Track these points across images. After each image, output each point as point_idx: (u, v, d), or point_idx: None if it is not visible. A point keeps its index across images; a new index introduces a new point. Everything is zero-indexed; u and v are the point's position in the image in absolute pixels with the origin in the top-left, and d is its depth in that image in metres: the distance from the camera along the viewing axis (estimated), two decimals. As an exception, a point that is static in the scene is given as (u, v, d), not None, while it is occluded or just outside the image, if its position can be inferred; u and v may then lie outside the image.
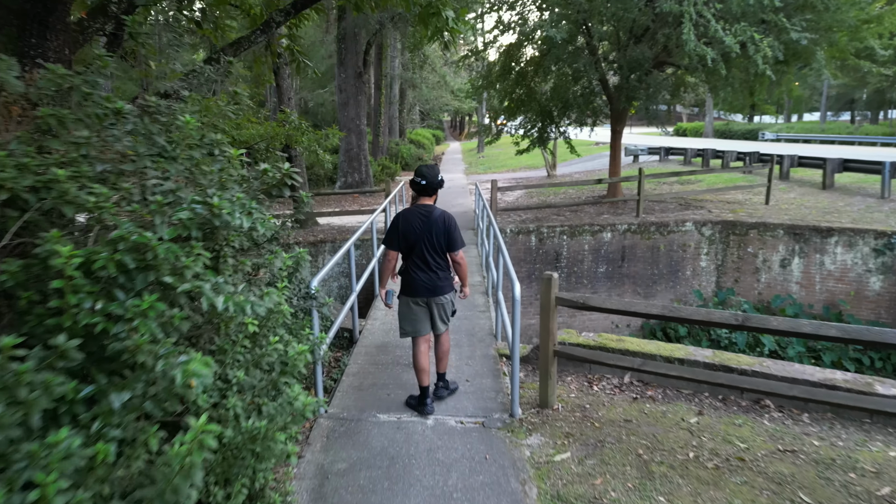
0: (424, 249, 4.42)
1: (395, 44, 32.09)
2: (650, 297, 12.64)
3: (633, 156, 25.86)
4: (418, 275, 4.46)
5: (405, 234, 4.43)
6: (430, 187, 4.48)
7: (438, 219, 4.42)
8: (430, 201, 4.53)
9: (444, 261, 4.53)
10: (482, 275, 8.99)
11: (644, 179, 13.10)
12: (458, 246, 4.49)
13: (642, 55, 12.32)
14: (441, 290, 4.52)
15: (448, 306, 4.63)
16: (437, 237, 4.41)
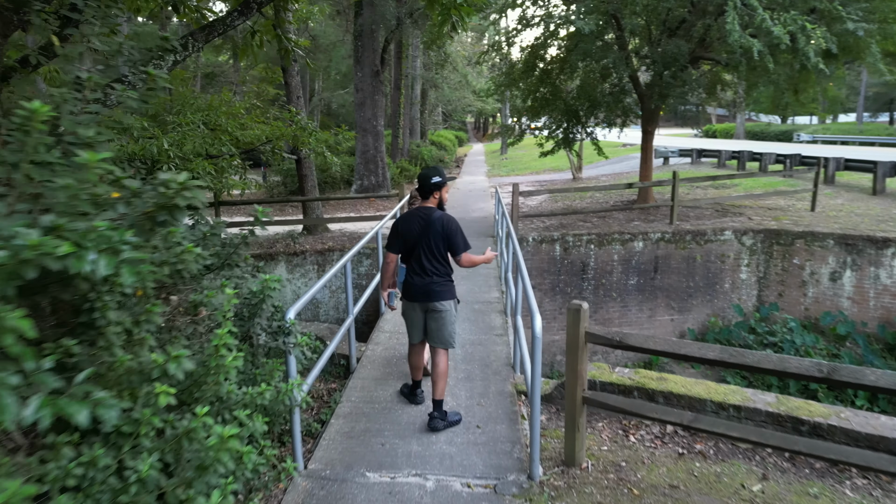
0: (422, 253, 4.30)
1: (416, 43, 31.38)
2: (685, 312, 11.65)
3: (664, 158, 24.73)
4: (414, 279, 4.35)
5: (404, 236, 4.35)
6: (423, 189, 4.38)
7: (437, 222, 4.28)
8: (430, 203, 4.39)
9: (444, 266, 4.37)
10: (500, 289, 8.14)
11: (678, 184, 12.12)
12: (460, 249, 4.32)
13: (678, 49, 11.34)
14: (437, 296, 4.31)
15: (447, 316, 4.36)
16: (435, 241, 4.28)
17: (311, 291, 4.23)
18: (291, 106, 11.21)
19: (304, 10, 11.87)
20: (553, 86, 14.05)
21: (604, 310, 11.35)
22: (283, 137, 10.14)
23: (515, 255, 5.62)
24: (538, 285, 11.02)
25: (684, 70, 12.02)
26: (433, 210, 4.35)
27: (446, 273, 4.39)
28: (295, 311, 3.80)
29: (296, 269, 10.42)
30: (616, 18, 11.93)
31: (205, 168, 8.39)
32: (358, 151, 17.66)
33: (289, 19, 10.96)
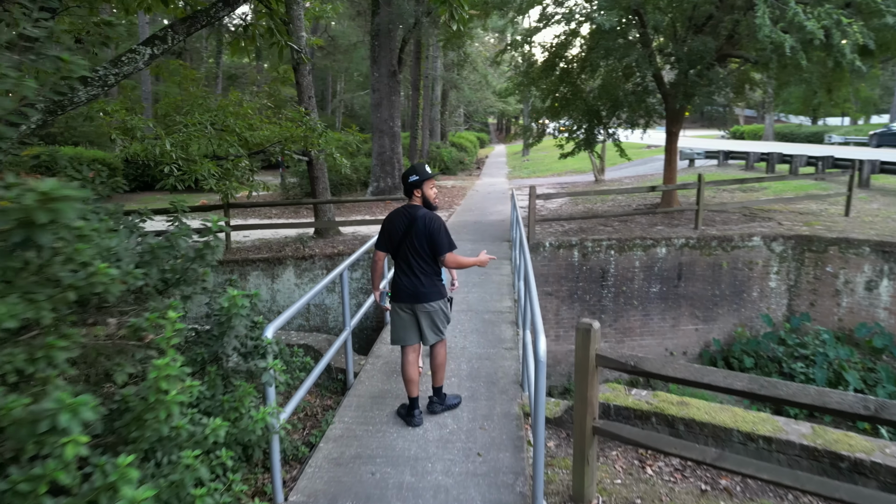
0: (408, 252, 4.23)
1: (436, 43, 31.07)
2: (710, 322, 11.11)
3: (689, 160, 24.04)
4: (401, 279, 4.27)
5: (389, 234, 4.30)
6: (404, 188, 4.32)
7: (419, 220, 4.17)
8: (415, 202, 4.31)
9: (430, 266, 4.26)
10: (514, 298, 7.74)
11: (704, 186, 11.59)
12: (443, 249, 4.18)
13: (704, 46, 10.83)
14: (425, 297, 4.23)
15: (437, 315, 4.30)
16: (419, 240, 4.18)
17: (296, 305, 3.90)
18: (302, 106, 10.93)
19: (317, 7, 11.59)
20: (574, 85, 13.60)
21: (624, 318, 10.87)
22: (293, 139, 9.86)
23: (525, 268, 5.20)
24: (555, 292, 10.59)
25: (711, 68, 11.49)
26: (418, 208, 4.24)
27: (434, 273, 4.28)
28: (275, 329, 3.46)
29: (304, 273, 10.13)
30: (639, 14, 11.45)
31: (209, 170, 8.13)
32: (374, 153, 17.37)
33: (300, 16, 10.71)
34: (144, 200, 19.26)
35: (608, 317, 10.83)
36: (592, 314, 10.79)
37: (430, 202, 4.35)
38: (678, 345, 11.08)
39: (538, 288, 10.43)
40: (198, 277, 3.12)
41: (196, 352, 3.18)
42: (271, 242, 11.45)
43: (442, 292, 4.35)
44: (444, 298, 4.36)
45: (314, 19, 12.42)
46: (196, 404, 2.93)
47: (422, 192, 4.29)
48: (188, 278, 3.05)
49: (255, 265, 10.07)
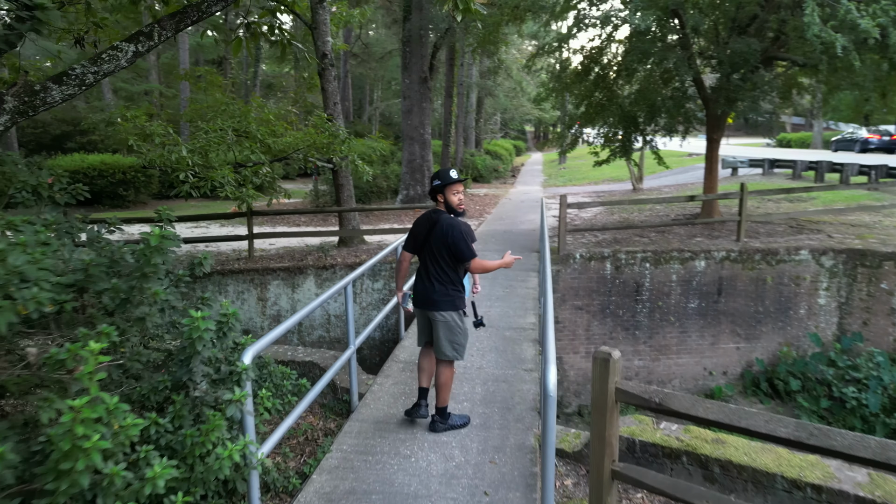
0: (427, 257, 4.18)
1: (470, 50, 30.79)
2: (753, 340, 10.44)
3: (732, 168, 23.14)
4: (418, 283, 4.26)
5: (414, 236, 4.26)
6: (430, 190, 4.24)
7: (440, 226, 4.10)
8: (439, 206, 4.24)
9: (447, 274, 4.14)
10: (537, 314, 7.30)
11: (747, 196, 10.94)
12: (465, 256, 4.07)
13: (748, 48, 10.22)
14: (434, 305, 4.13)
15: (450, 329, 4.14)
16: (437, 245, 4.10)
17: (284, 324, 3.54)
18: (327, 112, 10.70)
19: (345, 12, 11.38)
20: (609, 90, 13.09)
21: (660, 335, 10.29)
22: (316, 145, 9.63)
23: (544, 280, 4.77)
24: (586, 306, 10.09)
25: (755, 72, 10.86)
26: (441, 213, 4.18)
27: (450, 281, 4.16)
28: (256, 352, 3.11)
29: (325, 283, 9.86)
30: (678, 15, 10.91)
31: (226, 177, 7.92)
32: (404, 160, 17.12)
33: (325, 21, 10.51)
34: (179, 208, 19.40)
35: (643, 333, 10.26)
36: (626, 330, 10.24)
37: (454, 208, 4.22)
38: (718, 364, 10.44)
39: (568, 301, 9.97)
40: (145, 299, 2.78)
41: (158, 379, 2.86)
42: (295, 251, 11.24)
43: (456, 304, 4.18)
44: (457, 311, 4.19)
45: (343, 25, 12.20)
46: (157, 440, 2.60)
47: (444, 197, 4.18)
48: (135, 298, 2.73)
49: (276, 274, 9.85)
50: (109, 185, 19.15)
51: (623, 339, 10.24)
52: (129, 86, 32.38)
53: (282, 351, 5.89)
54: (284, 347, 6.01)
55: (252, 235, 10.66)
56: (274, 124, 9.75)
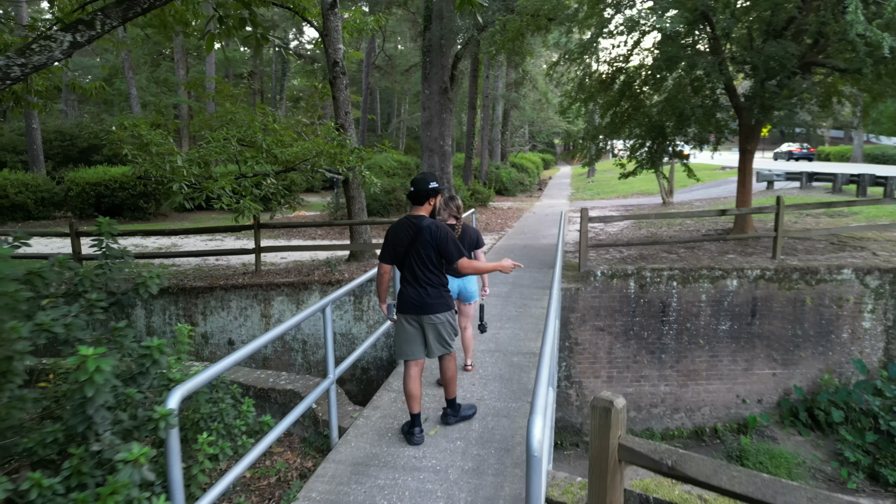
0: (414, 262, 4.16)
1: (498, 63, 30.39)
2: (791, 366, 9.65)
3: (767, 182, 22.17)
4: (407, 290, 4.22)
5: (394, 245, 4.21)
6: (419, 194, 4.18)
7: (425, 230, 4.09)
8: (422, 211, 4.20)
9: (437, 276, 4.19)
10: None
11: (783, 210, 10.19)
12: (454, 257, 4.10)
13: (784, 52, 9.53)
14: (431, 308, 4.17)
15: (444, 327, 4.22)
16: (425, 249, 4.11)
17: (235, 356, 3.04)
18: (338, 122, 10.31)
19: (358, 19, 11.01)
20: (636, 99, 12.47)
21: (688, 359, 9.57)
22: (323, 155, 9.22)
23: (550, 304, 4.20)
24: (608, 328, 9.43)
25: (791, 78, 10.14)
26: (423, 218, 4.15)
27: (441, 283, 4.22)
28: (186, 392, 2.60)
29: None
30: (707, 18, 10.27)
31: (223, 188, 7.53)
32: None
33: (337, 28, 10.16)
34: (199, 220, 19.25)
35: (669, 357, 9.56)
36: (651, 353, 9.55)
37: (437, 212, 4.36)
38: (752, 391, 9.67)
39: (588, 322, 9.34)
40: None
41: (47, 430, 2.37)
42: (304, 265, 10.82)
43: (449, 304, 4.27)
44: (450, 310, 4.27)
45: (359, 33, 11.84)
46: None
47: (435, 201, 4.25)
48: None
49: (280, 290, 9.42)
50: (130, 198, 19.09)
51: (648, 362, 9.54)
52: (157, 99, 32.72)
53: (263, 378, 5.41)
54: (267, 373, 5.53)
55: (259, 249, 10.28)
56: (281, 133, 9.38)
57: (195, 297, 9.50)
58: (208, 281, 9.68)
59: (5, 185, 18.14)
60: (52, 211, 19.69)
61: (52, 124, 26.92)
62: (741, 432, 9.54)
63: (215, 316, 9.51)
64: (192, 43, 34.54)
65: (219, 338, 9.57)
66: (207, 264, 11.66)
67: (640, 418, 9.57)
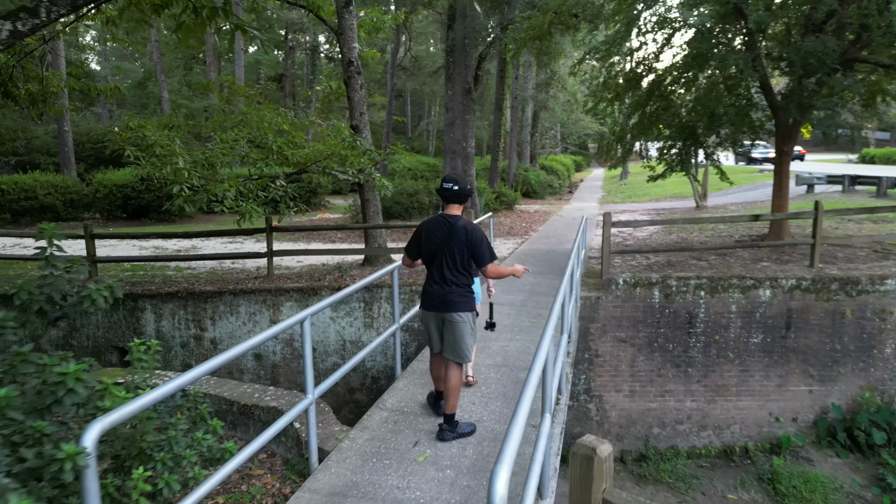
0: (444, 261, 4.17)
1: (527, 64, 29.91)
2: (828, 383, 9.02)
3: (807, 185, 21.24)
4: (433, 287, 4.24)
5: (425, 243, 4.22)
6: (460, 194, 4.21)
7: (461, 230, 4.12)
8: (457, 210, 4.24)
9: (464, 276, 4.22)
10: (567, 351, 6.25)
11: (822, 216, 9.56)
12: (486, 260, 4.15)
13: (824, 47, 8.93)
14: (453, 306, 4.19)
15: (464, 328, 4.20)
16: (458, 250, 4.13)
17: (171, 384, 2.71)
18: (353, 123, 10.04)
19: (375, 18, 10.73)
20: (665, 99, 11.91)
21: (716, 374, 9.02)
22: (333, 157, 8.95)
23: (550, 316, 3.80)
24: (630, 339, 8.94)
25: (832, 75, 9.50)
26: (458, 218, 4.17)
27: (466, 283, 4.24)
28: (105, 428, 2.27)
29: (340, 306, 9.12)
30: (740, 11, 9.70)
31: (225, 190, 7.29)
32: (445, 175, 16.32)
33: (352, 26, 9.91)
34: (223, 222, 19.27)
35: (696, 371, 9.02)
36: (676, 367, 9.02)
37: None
38: (786, 409, 9.07)
39: (609, 333, 8.86)
40: None
41: None
42: (317, 270, 10.57)
43: (471, 305, 4.28)
44: (472, 311, 4.29)
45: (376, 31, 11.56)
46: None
47: (469, 202, 4.41)
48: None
49: (289, 295, 9.18)
50: (156, 199, 19.18)
51: (673, 376, 9.02)
52: (189, 102, 33.08)
53: (248, 392, 5.11)
54: (254, 388, 5.23)
55: (272, 253, 10.06)
56: (293, 135, 9.14)
57: (204, 301, 9.32)
58: (218, 285, 9.49)
59: (34, 186, 18.39)
60: (80, 212, 19.93)
61: (84, 127, 27.40)
62: (774, 453, 8.94)
63: (224, 321, 9.31)
64: (223, 46, 34.90)
65: (227, 344, 9.37)
66: (223, 267, 11.51)
67: (664, 435, 9.05)
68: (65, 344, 9.81)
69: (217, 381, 5.27)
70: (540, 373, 2.92)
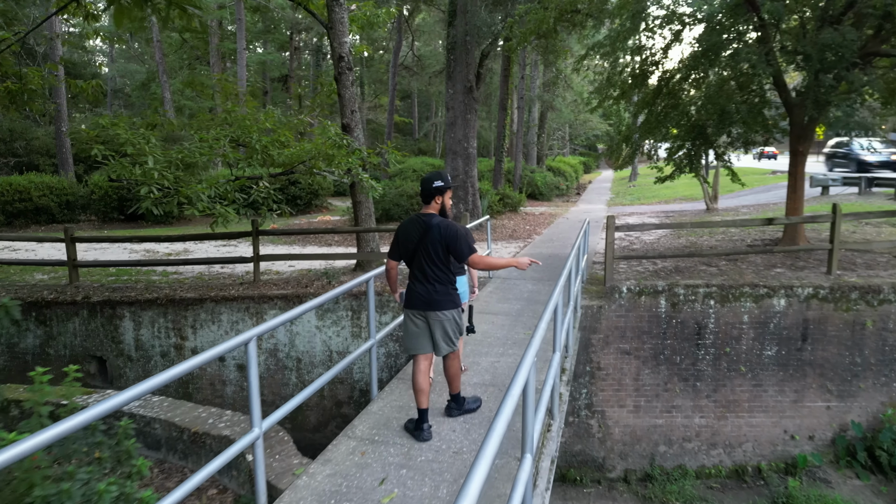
0: (423, 260, 4.20)
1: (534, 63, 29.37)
2: (848, 398, 8.43)
3: (822, 187, 20.55)
4: (415, 286, 4.28)
5: (403, 243, 4.29)
6: (424, 194, 4.25)
7: (435, 228, 4.13)
8: (431, 209, 4.26)
9: (445, 274, 4.23)
10: (561, 365, 5.73)
11: (840, 219, 8.98)
12: (465, 255, 4.14)
13: (843, 39, 8.35)
14: (438, 305, 4.22)
15: (449, 324, 4.26)
16: (434, 247, 4.14)
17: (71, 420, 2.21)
18: (344, 122, 9.56)
19: (368, 12, 10.24)
20: (673, 97, 11.34)
21: (727, 388, 8.45)
22: (320, 156, 8.47)
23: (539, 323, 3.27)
24: (634, 351, 8.39)
25: (851, 70, 8.91)
26: (433, 216, 4.21)
27: (448, 281, 4.27)
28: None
29: (326, 315, 8.63)
30: (751, 2, 9.13)
31: (196, 193, 6.82)
32: (446, 176, 15.82)
33: (343, 20, 9.44)
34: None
35: (705, 385, 8.45)
36: (684, 381, 8.46)
37: (447, 210, 4.34)
38: (802, 426, 8.48)
39: (612, 344, 8.32)
40: None
41: None
42: (305, 276, 10.08)
43: (455, 301, 4.31)
44: (457, 308, 4.31)
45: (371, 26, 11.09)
46: None
47: (442, 199, 4.26)
48: None
49: (273, 303, 8.70)
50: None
51: (681, 391, 8.46)
52: (192, 103, 32.77)
53: (203, 418, 4.61)
54: (209, 412, 4.73)
55: (258, 257, 9.59)
56: (278, 133, 8.67)
57: (185, 309, 8.86)
58: (199, 292, 9.03)
59: (29, 188, 18.07)
60: (76, 214, 19.61)
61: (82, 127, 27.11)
62: (789, 473, 8.36)
63: (206, 330, 8.85)
64: (226, 47, 34.58)
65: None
66: (212, 272, 11.06)
67: (671, 454, 8.48)
68: (41, 353, 9.40)
69: (171, 403, 4.78)
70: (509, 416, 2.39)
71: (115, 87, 46.91)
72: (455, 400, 4.57)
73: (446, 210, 4.33)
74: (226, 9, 32.11)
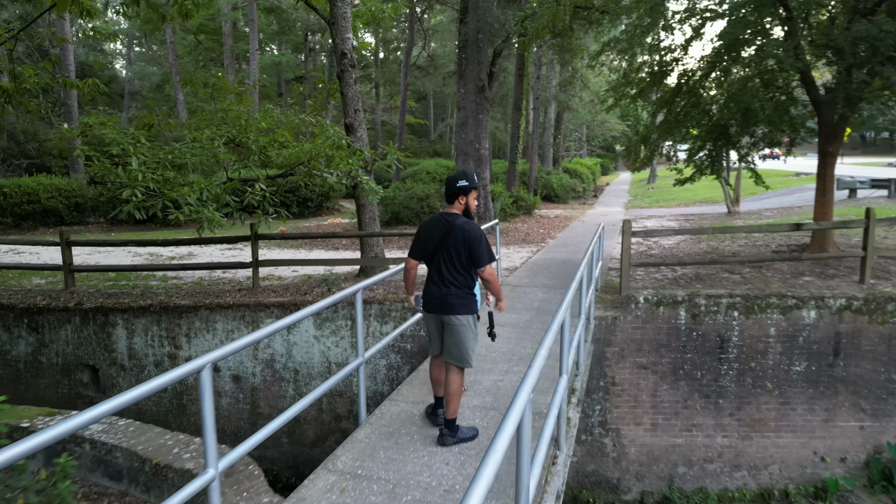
0: (441, 261, 4.10)
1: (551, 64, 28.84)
2: (883, 418, 7.83)
3: (849, 189, 19.79)
4: (431, 287, 4.19)
5: (424, 242, 4.18)
6: (448, 193, 4.16)
7: (459, 229, 4.02)
8: (454, 209, 4.16)
9: (464, 277, 4.11)
10: (571, 387, 5.25)
11: (874, 224, 8.37)
12: (483, 261, 4.05)
13: (878, 31, 7.76)
14: (451, 309, 4.09)
15: (463, 331, 4.09)
16: (456, 249, 4.04)
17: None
18: (346, 121, 9.15)
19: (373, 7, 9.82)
20: (694, 95, 10.78)
21: (752, 406, 7.88)
22: (319, 157, 8.06)
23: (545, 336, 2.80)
24: (652, 365, 7.86)
25: (886, 65, 8.30)
26: (456, 216, 4.11)
27: (466, 285, 4.13)
28: None
29: (325, 324, 8.20)
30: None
31: (184, 198, 6.43)
32: (457, 178, 15.35)
33: (345, 15, 9.04)
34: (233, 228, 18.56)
35: (728, 403, 7.89)
36: (706, 398, 7.91)
37: (471, 211, 4.23)
38: (833, 448, 7.89)
39: (628, 358, 7.80)
40: None
41: None
42: (305, 283, 9.68)
43: (472, 308, 4.17)
44: (473, 314, 4.18)
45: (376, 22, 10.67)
46: None
47: (466, 199, 4.15)
48: None
49: (270, 311, 8.29)
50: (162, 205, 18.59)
51: (702, 408, 7.91)
52: (206, 104, 32.66)
53: (168, 447, 4.17)
54: (177, 439, 4.29)
55: (257, 263, 9.20)
56: (276, 133, 8.28)
57: (179, 316, 8.49)
58: (194, 299, 8.65)
59: (38, 189, 17.92)
60: (85, 216, 19.44)
61: (97, 129, 27.08)
62: (818, 498, 7.78)
63: (200, 338, 8.47)
64: (241, 48, 34.46)
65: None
66: (212, 277, 10.71)
67: (691, 475, 7.93)
68: (33, 361, 9.10)
69: (137, 429, 4.36)
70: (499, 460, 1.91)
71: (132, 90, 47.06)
72: (449, 427, 4.20)
73: (470, 211, 4.22)
74: (239, 10, 32.02)
